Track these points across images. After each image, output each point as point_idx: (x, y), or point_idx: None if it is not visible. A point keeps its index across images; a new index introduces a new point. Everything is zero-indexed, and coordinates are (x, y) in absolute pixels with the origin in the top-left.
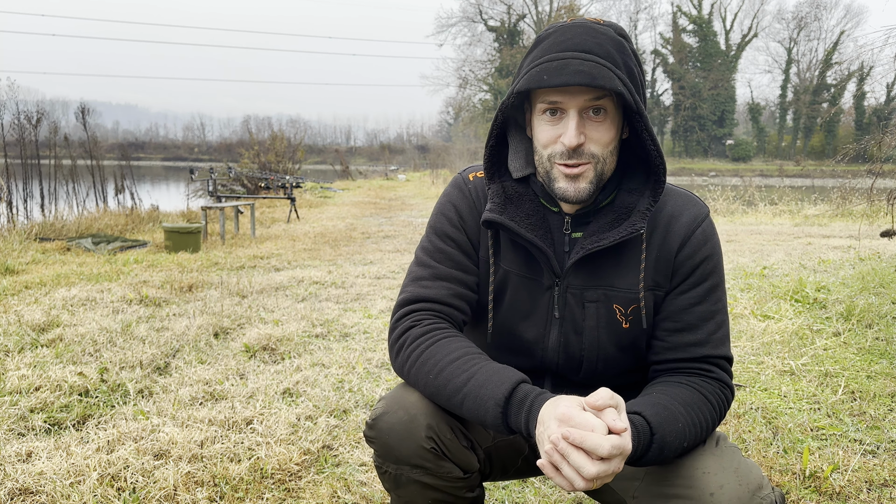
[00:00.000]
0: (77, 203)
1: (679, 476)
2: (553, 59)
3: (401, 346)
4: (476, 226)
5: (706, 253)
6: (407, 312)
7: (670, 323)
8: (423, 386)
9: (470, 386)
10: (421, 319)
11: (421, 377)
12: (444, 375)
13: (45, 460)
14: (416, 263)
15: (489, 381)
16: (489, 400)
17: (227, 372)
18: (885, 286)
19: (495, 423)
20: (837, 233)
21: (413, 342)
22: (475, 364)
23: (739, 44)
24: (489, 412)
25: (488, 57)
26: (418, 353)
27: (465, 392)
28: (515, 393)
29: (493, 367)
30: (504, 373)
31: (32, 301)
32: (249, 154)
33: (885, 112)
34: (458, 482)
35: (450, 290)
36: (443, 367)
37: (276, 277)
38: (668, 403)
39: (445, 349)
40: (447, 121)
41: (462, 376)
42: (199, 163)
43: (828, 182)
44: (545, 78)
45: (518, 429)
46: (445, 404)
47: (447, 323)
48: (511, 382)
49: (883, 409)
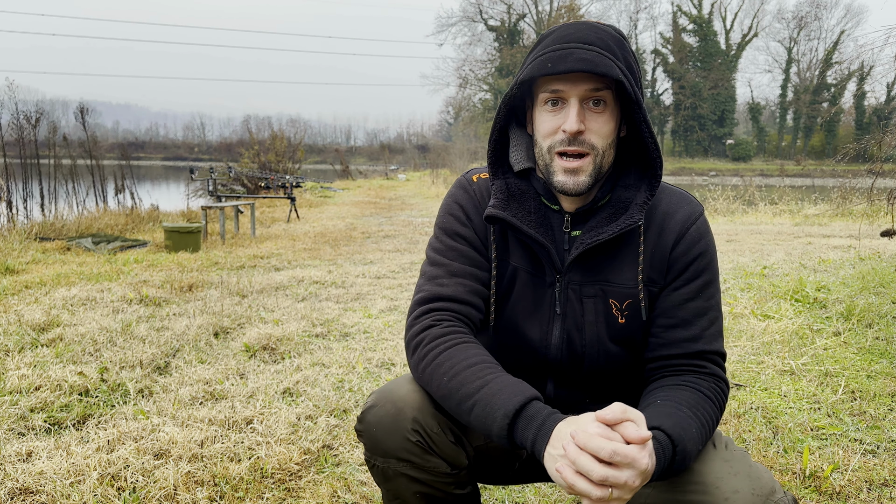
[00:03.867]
0: (77, 203)
1: (691, 482)
2: (557, 50)
3: (418, 344)
4: (482, 224)
5: (700, 250)
6: (426, 311)
7: (664, 319)
8: (435, 387)
9: (482, 394)
10: (441, 320)
11: (435, 378)
12: (458, 380)
13: (46, 460)
14: (430, 263)
15: (502, 391)
16: (498, 410)
17: (227, 371)
18: (886, 286)
19: (500, 435)
20: (837, 232)
21: (431, 342)
22: (491, 373)
23: (739, 43)
24: (496, 422)
25: (488, 56)
26: (435, 354)
27: (476, 399)
28: (527, 408)
29: (508, 380)
30: (518, 386)
31: (32, 301)
32: (249, 154)
33: (886, 112)
34: (445, 477)
35: (466, 287)
36: (458, 372)
37: (276, 277)
38: (678, 411)
39: (463, 354)
40: (447, 120)
41: (476, 383)
42: (199, 162)
43: (828, 182)
44: (549, 65)
45: (523, 444)
46: (455, 409)
47: (465, 325)
48: (524, 397)
49: (883, 408)
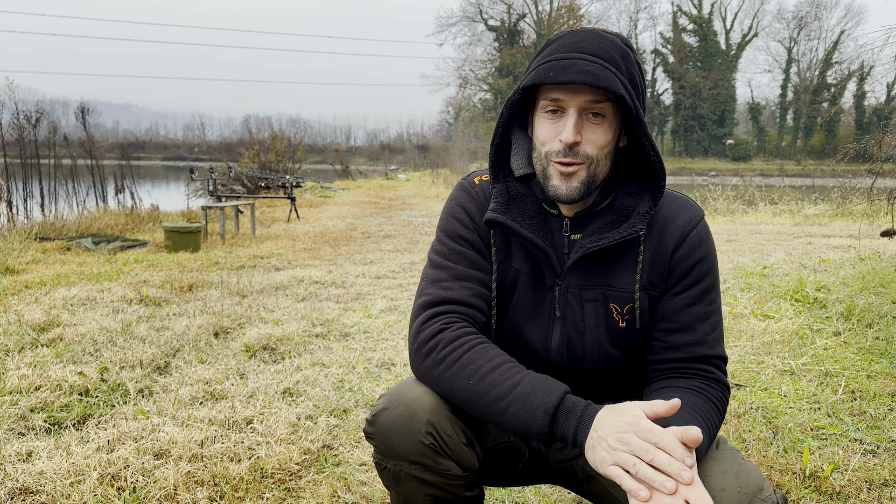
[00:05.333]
0: (77, 203)
1: None
2: (560, 59)
3: (431, 348)
4: (485, 227)
5: (701, 254)
6: (433, 315)
7: (667, 323)
8: (458, 391)
9: (515, 393)
10: (451, 323)
11: (458, 382)
12: (486, 382)
13: (46, 460)
14: (432, 266)
15: (537, 389)
16: (538, 408)
17: (228, 371)
18: (886, 286)
19: (540, 431)
20: (837, 232)
21: (448, 346)
22: (518, 372)
23: (740, 43)
24: (536, 420)
25: (488, 56)
26: (455, 358)
27: (511, 399)
28: (564, 402)
29: (537, 377)
30: (549, 383)
31: (32, 301)
32: (249, 154)
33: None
34: (456, 480)
35: (471, 291)
36: (484, 374)
37: (276, 277)
38: (691, 418)
39: (485, 356)
40: (447, 120)
41: (506, 383)
42: (199, 162)
43: (828, 181)
44: (551, 75)
45: (564, 437)
46: (485, 411)
47: (474, 327)
48: (559, 392)
49: (883, 408)
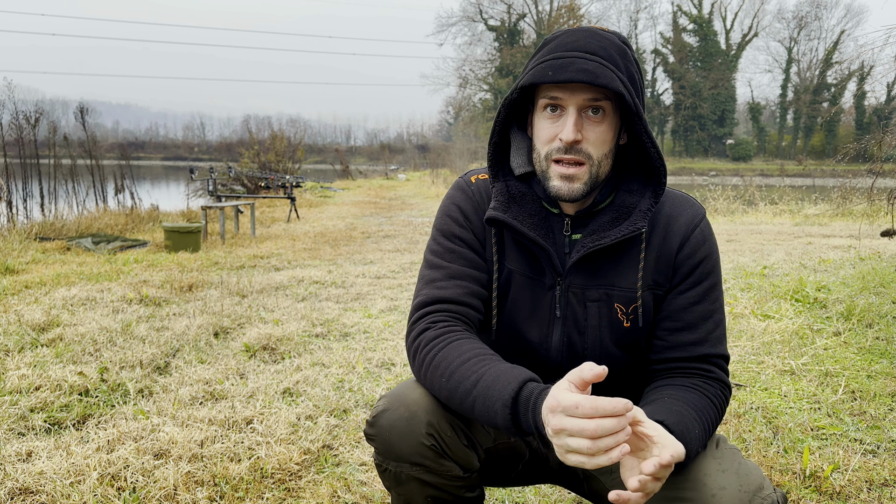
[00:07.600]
0: (77, 203)
1: (681, 479)
2: (558, 57)
3: (416, 349)
4: (481, 226)
5: (705, 253)
6: (422, 315)
7: (670, 322)
8: (437, 389)
9: (479, 388)
10: (436, 322)
11: (435, 381)
12: (456, 378)
13: (45, 460)
14: (427, 266)
15: (496, 381)
16: (497, 402)
17: (227, 371)
18: (886, 286)
19: (506, 426)
20: (838, 232)
21: (427, 345)
22: (485, 365)
23: (740, 43)
24: (498, 414)
25: (488, 56)
26: (432, 357)
27: (475, 394)
28: (522, 392)
29: (501, 368)
30: (511, 372)
31: (32, 301)
32: (249, 154)
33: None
34: (457, 481)
35: (465, 289)
36: (454, 370)
37: (276, 277)
38: (683, 410)
39: (457, 351)
40: (447, 120)
41: (472, 378)
42: (199, 162)
43: (828, 181)
44: (549, 74)
45: (529, 430)
46: (458, 408)
47: (462, 324)
48: (518, 382)
49: (883, 408)
